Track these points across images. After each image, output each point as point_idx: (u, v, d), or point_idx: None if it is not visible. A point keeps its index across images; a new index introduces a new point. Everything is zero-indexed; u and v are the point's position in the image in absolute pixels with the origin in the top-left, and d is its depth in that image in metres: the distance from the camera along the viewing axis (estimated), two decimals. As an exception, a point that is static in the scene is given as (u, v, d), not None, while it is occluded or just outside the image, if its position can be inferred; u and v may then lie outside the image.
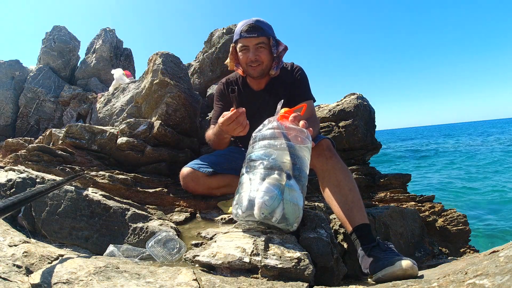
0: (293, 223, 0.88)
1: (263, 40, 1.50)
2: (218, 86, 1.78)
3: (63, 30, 5.15)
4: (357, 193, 1.22)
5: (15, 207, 0.78)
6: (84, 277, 0.76)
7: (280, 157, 0.90)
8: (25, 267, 0.81)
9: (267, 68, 1.56)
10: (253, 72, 1.56)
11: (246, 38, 1.49)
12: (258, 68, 1.54)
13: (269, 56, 1.54)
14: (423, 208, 2.07)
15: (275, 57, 1.56)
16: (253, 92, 1.67)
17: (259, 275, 0.87)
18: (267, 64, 1.55)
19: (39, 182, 1.36)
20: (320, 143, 1.33)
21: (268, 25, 1.53)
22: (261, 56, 1.52)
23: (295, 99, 1.58)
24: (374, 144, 2.49)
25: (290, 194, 0.89)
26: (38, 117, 4.38)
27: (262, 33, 1.48)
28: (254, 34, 1.47)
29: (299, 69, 1.65)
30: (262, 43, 1.50)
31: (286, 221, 0.89)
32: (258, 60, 1.52)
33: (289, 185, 0.89)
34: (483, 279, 0.68)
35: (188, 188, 1.65)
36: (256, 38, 1.49)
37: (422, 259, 1.58)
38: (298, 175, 0.90)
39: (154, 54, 2.23)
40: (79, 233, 1.23)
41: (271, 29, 1.54)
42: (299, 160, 0.89)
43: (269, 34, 1.50)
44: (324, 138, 1.37)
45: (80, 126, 1.93)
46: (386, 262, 0.94)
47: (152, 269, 0.84)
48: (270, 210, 0.87)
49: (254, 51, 1.51)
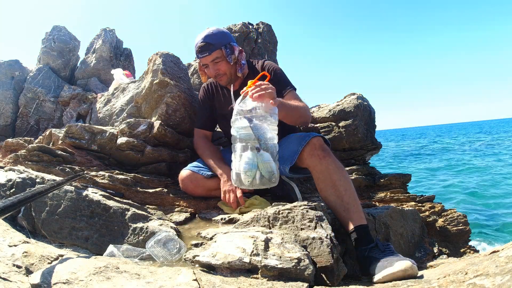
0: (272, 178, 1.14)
1: (216, 55, 1.59)
2: (201, 89, 1.89)
3: (63, 30, 5.14)
4: (353, 193, 1.22)
5: (15, 207, 0.78)
6: (84, 277, 0.76)
7: (247, 136, 1.16)
8: (25, 267, 0.81)
9: (233, 75, 1.66)
10: (221, 82, 1.69)
11: (201, 58, 1.61)
12: (223, 78, 1.65)
13: (228, 65, 1.63)
14: (423, 208, 2.07)
15: (235, 62, 1.63)
16: (230, 92, 1.73)
17: (259, 275, 0.87)
18: (230, 72, 1.64)
19: (39, 182, 1.36)
20: (312, 142, 1.32)
21: (219, 34, 1.59)
22: (221, 69, 1.63)
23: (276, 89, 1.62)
24: (374, 144, 2.50)
25: (262, 161, 1.16)
26: (38, 117, 4.37)
27: (213, 49, 1.57)
28: (205, 53, 1.58)
29: (269, 65, 1.71)
30: (216, 57, 1.59)
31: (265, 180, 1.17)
32: (220, 73, 1.63)
33: (259, 155, 1.16)
34: (483, 279, 0.68)
35: (187, 190, 1.66)
36: (209, 56, 1.58)
37: (422, 259, 1.58)
38: (265, 147, 1.16)
39: (154, 54, 2.22)
40: (79, 233, 1.23)
41: (223, 37, 1.60)
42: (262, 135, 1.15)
43: (220, 46, 1.57)
44: (316, 136, 1.36)
45: (80, 126, 1.92)
46: (385, 263, 0.94)
47: (152, 269, 0.84)
48: (251, 178, 1.16)
49: (212, 67, 1.62)
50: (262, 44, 3.30)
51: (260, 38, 3.28)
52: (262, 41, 3.25)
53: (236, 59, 1.62)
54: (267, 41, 3.32)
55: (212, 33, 1.57)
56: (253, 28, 3.33)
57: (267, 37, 3.35)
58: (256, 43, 3.25)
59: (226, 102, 1.73)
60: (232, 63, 1.61)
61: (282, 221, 1.10)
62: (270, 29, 3.43)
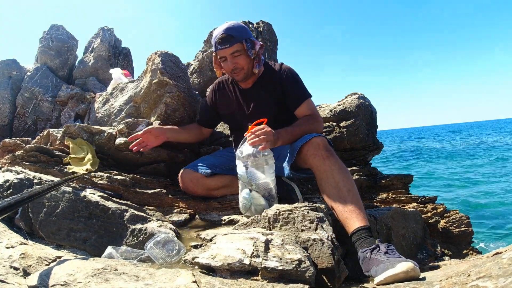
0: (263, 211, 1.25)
1: (236, 48, 1.54)
2: (210, 88, 1.87)
3: (61, 29, 5.12)
4: (356, 194, 1.21)
5: (12, 208, 0.77)
6: (82, 279, 0.75)
7: (243, 179, 1.37)
8: (22, 269, 0.80)
9: (250, 70, 1.62)
10: (237, 77, 1.64)
11: (221, 50, 1.56)
12: (241, 73, 1.60)
13: (247, 60, 1.59)
14: (425, 209, 2.05)
15: (254, 57, 1.60)
16: (242, 90, 1.73)
17: (259, 277, 0.86)
18: (248, 67, 1.60)
19: (36, 183, 1.35)
20: (317, 142, 1.32)
21: (240, 28, 1.56)
22: (239, 63, 1.57)
23: (292, 101, 1.62)
24: (376, 144, 2.48)
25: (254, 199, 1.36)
26: (35, 117, 4.35)
27: (234, 41, 1.53)
28: (226, 45, 1.53)
29: (287, 69, 1.67)
30: (236, 51, 1.55)
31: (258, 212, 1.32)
32: (238, 67, 1.58)
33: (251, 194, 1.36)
34: (486, 281, 0.68)
35: (187, 189, 1.65)
36: (230, 48, 1.54)
37: (425, 261, 1.57)
38: (256, 189, 1.35)
39: (153, 53, 2.21)
40: (77, 234, 1.22)
41: (243, 31, 1.56)
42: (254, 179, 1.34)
43: (241, 39, 1.54)
44: (319, 136, 1.36)
45: (78, 126, 1.91)
46: (387, 264, 0.93)
47: (151, 271, 0.84)
48: (246, 210, 1.39)
49: (231, 60, 1.56)
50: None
51: (260, 37, 3.26)
52: (262, 40, 3.23)
53: (256, 53, 1.59)
54: (268, 40, 3.31)
55: (233, 26, 1.54)
56: (253, 27, 3.31)
57: (267, 36, 3.33)
58: (257, 42, 3.23)
59: (232, 98, 1.74)
60: (252, 57, 1.58)
61: (282, 222, 1.10)
62: (270, 28, 3.41)
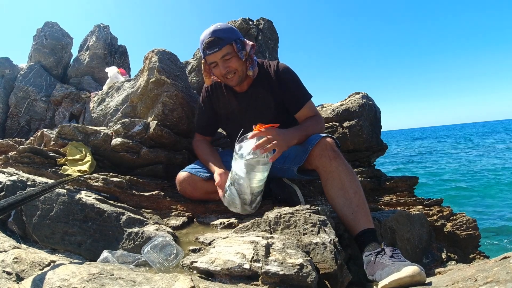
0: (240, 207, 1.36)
1: (226, 50, 1.46)
2: (202, 91, 1.77)
3: (55, 26, 5.06)
4: (362, 196, 1.20)
5: (4, 211, 0.76)
6: (77, 284, 0.74)
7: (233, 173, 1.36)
8: (15, 273, 0.79)
9: (244, 72, 1.54)
10: (231, 83, 1.55)
11: (210, 55, 1.47)
12: (235, 77, 1.52)
13: (239, 61, 1.50)
14: (431, 212, 2.01)
15: (246, 59, 1.53)
16: (237, 94, 1.65)
17: (259, 282, 0.85)
18: (242, 70, 1.52)
19: (30, 185, 1.33)
20: (323, 143, 1.30)
21: (228, 29, 1.48)
22: (232, 66, 1.49)
23: (292, 104, 1.57)
24: (380, 145, 2.44)
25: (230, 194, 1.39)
26: (29, 117, 4.29)
27: (223, 44, 1.44)
28: (215, 48, 1.45)
29: (285, 69, 1.59)
30: (227, 53, 1.47)
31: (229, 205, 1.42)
32: (231, 71, 1.50)
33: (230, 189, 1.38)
34: (493, 286, 0.67)
35: (185, 193, 1.63)
36: (219, 52, 1.45)
37: (430, 265, 1.54)
38: (237, 187, 1.35)
39: (150, 51, 2.19)
40: (72, 238, 1.20)
41: (232, 32, 1.49)
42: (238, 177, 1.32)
43: (230, 40, 1.46)
44: (326, 137, 1.34)
45: (73, 127, 1.90)
46: (392, 268, 0.92)
47: (148, 276, 0.82)
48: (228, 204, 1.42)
49: (222, 64, 1.48)
50: (262, 41, 3.25)
51: (260, 34, 3.24)
52: (263, 38, 3.21)
53: (247, 54, 1.52)
54: (268, 38, 3.29)
55: (220, 28, 1.46)
56: (253, 24, 3.29)
57: (268, 33, 3.31)
58: (257, 40, 3.20)
59: (227, 103, 1.67)
60: (244, 59, 1.51)
61: (283, 226, 1.09)
62: (271, 26, 3.39)
